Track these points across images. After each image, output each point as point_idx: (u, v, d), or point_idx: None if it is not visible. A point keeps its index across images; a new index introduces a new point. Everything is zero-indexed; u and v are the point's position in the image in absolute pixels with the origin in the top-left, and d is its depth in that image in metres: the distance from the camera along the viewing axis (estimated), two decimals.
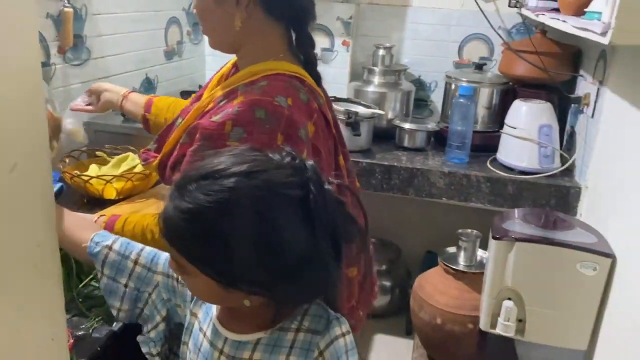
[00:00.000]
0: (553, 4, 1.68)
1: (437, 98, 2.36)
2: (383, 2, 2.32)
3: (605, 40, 0.86)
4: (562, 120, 1.90)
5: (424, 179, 1.87)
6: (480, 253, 1.84)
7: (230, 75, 1.18)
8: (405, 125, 2.05)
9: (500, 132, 1.92)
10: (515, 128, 1.84)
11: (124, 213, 1.40)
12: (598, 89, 1.67)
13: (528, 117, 1.83)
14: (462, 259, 1.81)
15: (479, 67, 2.13)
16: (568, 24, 1.15)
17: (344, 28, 2.30)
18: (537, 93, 1.96)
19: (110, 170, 1.55)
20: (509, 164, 1.85)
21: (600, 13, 1.12)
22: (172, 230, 0.73)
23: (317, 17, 2.09)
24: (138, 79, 2.02)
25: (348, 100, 2.11)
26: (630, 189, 1.35)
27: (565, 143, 1.93)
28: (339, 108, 1.97)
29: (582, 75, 1.90)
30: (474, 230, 1.83)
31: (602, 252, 1.37)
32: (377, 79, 2.19)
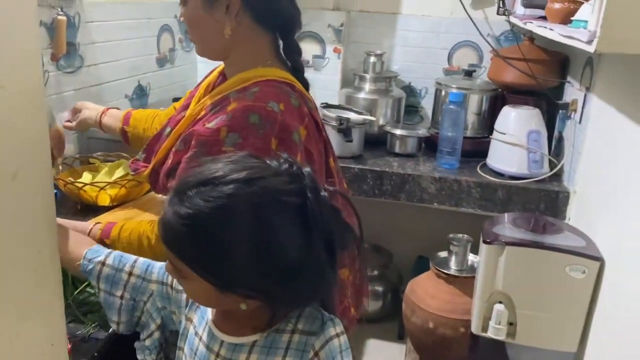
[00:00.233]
0: (540, 12, 1.71)
1: (427, 104, 2.39)
2: (373, 9, 2.35)
3: (591, 49, 0.88)
4: (550, 126, 1.93)
5: (416, 185, 1.89)
6: (472, 257, 1.86)
7: (218, 84, 1.20)
8: (397, 132, 2.07)
9: (490, 137, 1.94)
10: (505, 134, 1.87)
11: (118, 220, 1.41)
12: (585, 95, 1.70)
13: (517, 123, 1.85)
14: (453, 264, 1.83)
15: (469, 73, 2.16)
16: (555, 32, 1.18)
17: (335, 35, 2.32)
18: (525, 99, 1.99)
19: (104, 177, 1.55)
20: (499, 169, 1.88)
21: (586, 21, 1.14)
22: (170, 235, 0.74)
23: (308, 24, 2.13)
24: (130, 86, 2.03)
25: (339, 107, 2.13)
26: (618, 194, 1.38)
27: (554, 148, 1.96)
28: (331, 114, 1.99)
29: (569, 82, 1.93)
30: (465, 235, 1.85)
31: (590, 255, 1.39)
32: (368, 86, 2.21)
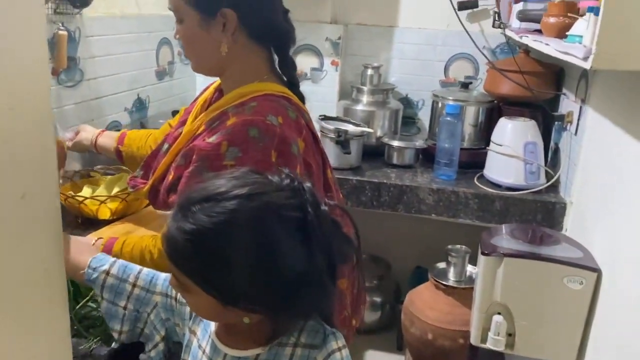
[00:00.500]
0: (536, 26, 1.73)
1: (424, 116, 2.40)
2: (370, 22, 2.37)
3: (587, 65, 0.90)
4: (546, 137, 1.95)
5: (413, 196, 1.90)
6: (470, 268, 1.87)
7: (214, 99, 1.22)
8: (394, 143, 2.09)
9: (487, 149, 1.96)
10: (501, 145, 1.88)
11: (119, 233, 1.42)
12: (580, 107, 1.72)
13: (513, 134, 1.87)
14: (452, 275, 1.84)
15: (465, 85, 2.18)
16: (551, 47, 1.20)
17: (333, 48, 2.34)
18: (521, 111, 2.01)
19: (104, 191, 1.56)
20: (496, 181, 1.89)
21: (582, 36, 1.16)
22: (174, 250, 0.75)
23: (306, 37, 2.16)
24: (130, 99, 2.04)
25: (337, 119, 2.15)
26: (614, 205, 1.39)
27: (550, 159, 1.98)
28: (329, 126, 2.01)
29: (564, 94, 1.95)
30: (463, 246, 1.86)
31: (588, 266, 1.41)
32: (365, 98, 2.23)
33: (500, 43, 2.25)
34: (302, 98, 1.20)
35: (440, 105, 2.15)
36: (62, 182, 1.57)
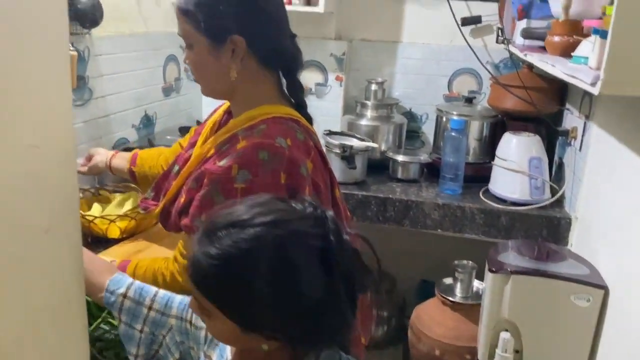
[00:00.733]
0: (539, 42, 1.75)
1: (428, 129, 2.42)
2: (374, 38, 2.39)
3: (595, 91, 0.91)
4: (550, 151, 1.97)
5: (419, 211, 1.91)
6: (476, 284, 1.87)
7: (224, 122, 1.23)
8: (399, 158, 2.10)
9: (492, 163, 1.97)
10: (506, 160, 1.90)
11: (129, 252, 1.43)
12: (585, 123, 1.74)
13: (518, 149, 1.89)
14: (458, 290, 1.85)
15: (469, 100, 2.20)
16: (557, 69, 1.21)
17: (337, 64, 2.36)
18: (525, 125, 2.02)
19: (114, 209, 1.57)
20: (502, 196, 1.90)
21: (587, 58, 1.17)
22: (199, 274, 0.76)
23: (311, 53, 2.18)
24: (137, 116, 2.06)
25: (342, 134, 2.16)
26: (620, 221, 1.40)
27: (554, 174, 1.99)
28: (334, 142, 2.02)
29: (568, 109, 1.97)
30: (470, 262, 1.87)
31: (594, 283, 1.42)
32: (369, 113, 2.24)
33: (504, 58, 2.27)
34: (310, 120, 1.21)
35: (445, 120, 2.16)
36: None
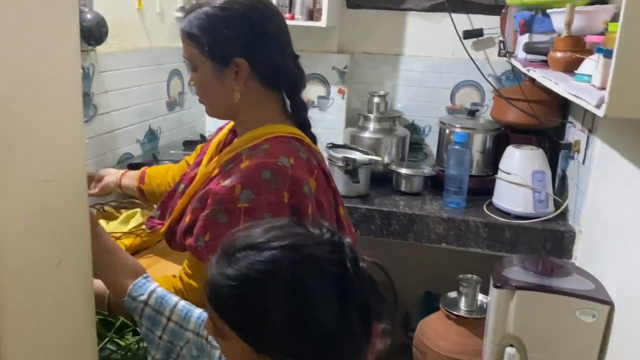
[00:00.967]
0: (542, 57, 1.76)
1: (431, 141, 2.42)
2: (376, 51, 2.41)
3: (600, 113, 0.91)
4: (553, 164, 1.97)
5: (423, 225, 1.91)
6: (481, 297, 1.87)
7: (228, 141, 1.24)
8: (402, 171, 2.10)
9: (495, 176, 1.98)
10: (510, 174, 1.90)
11: None
12: (588, 137, 1.74)
13: (521, 163, 1.89)
14: (463, 304, 1.85)
15: (472, 113, 2.21)
16: (561, 87, 1.22)
17: (340, 77, 2.37)
18: (528, 138, 2.03)
19: (119, 226, 1.58)
20: (505, 209, 1.90)
21: (590, 76, 1.18)
22: (216, 295, 0.77)
23: (314, 67, 2.20)
24: (142, 131, 2.07)
25: (345, 147, 2.17)
26: (625, 235, 1.40)
27: (558, 187, 1.99)
28: (337, 155, 2.03)
29: (571, 122, 1.97)
30: (474, 276, 1.87)
31: (600, 299, 1.42)
32: (372, 125, 2.25)
33: (506, 70, 2.28)
34: (314, 139, 1.22)
35: (448, 132, 2.17)
36: None
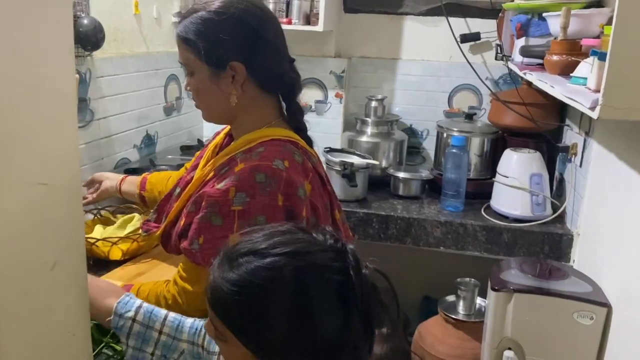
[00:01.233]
0: (538, 60, 1.76)
1: (428, 145, 2.43)
2: (373, 55, 2.41)
3: (594, 115, 0.92)
4: (550, 167, 1.97)
5: (421, 229, 1.91)
6: (479, 301, 1.87)
7: (225, 145, 1.25)
8: (400, 175, 2.10)
9: (493, 180, 1.98)
10: (507, 177, 1.90)
11: (131, 274, 1.43)
12: (585, 140, 1.74)
13: (519, 166, 1.89)
14: (461, 308, 1.84)
15: (469, 116, 2.21)
16: (557, 90, 1.22)
17: (337, 81, 2.38)
18: (525, 141, 2.04)
19: (116, 231, 1.57)
20: (503, 212, 1.90)
21: (586, 78, 1.18)
22: (217, 299, 0.77)
23: (311, 71, 2.21)
24: (139, 136, 2.07)
25: (342, 151, 2.17)
26: (622, 238, 1.40)
27: (555, 190, 1.99)
28: (335, 159, 2.03)
29: (568, 125, 1.98)
30: (472, 279, 1.87)
31: (597, 301, 1.42)
32: (370, 129, 2.25)
33: (503, 74, 2.28)
34: (310, 142, 1.22)
35: (445, 136, 2.17)
36: None
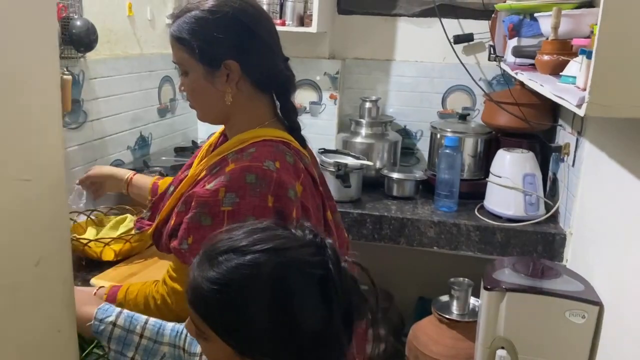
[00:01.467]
0: (530, 60, 1.77)
1: (422, 146, 2.43)
2: (367, 57, 2.41)
3: (581, 112, 0.92)
4: (543, 167, 1.98)
5: (415, 229, 1.92)
6: (473, 301, 1.87)
7: (219, 144, 1.24)
8: (394, 175, 2.11)
9: (487, 180, 1.98)
10: (501, 177, 1.91)
11: (123, 275, 1.43)
12: (577, 140, 1.75)
13: (512, 166, 1.90)
14: (455, 308, 1.84)
15: (463, 117, 2.22)
16: (546, 89, 1.22)
17: (331, 82, 2.38)
18: (519, 142, 2.04)
19: (109, 232, 1.57)
20: (497, 212, 1.91)
21: (575, 77, 1.19)
22: (198, 297, 0.77)
23: (305, 72, 2.20)
24: (133, 138, 2.07)
25: (337, 152, 2.17)
26: (614, 237, 1.41)
27: (549, 190, 2.00)
28: (329, 160, 2.03)
29: (561, 125, 1.98)
30: (466, 279, 1.87)
31: (589, 300, 1.42)
32: (364, 130, 2.26)
33: (497, 75, 2.29)
34: (303, 142, 1.22)
35: (439, 137, 2.18)
36: None
